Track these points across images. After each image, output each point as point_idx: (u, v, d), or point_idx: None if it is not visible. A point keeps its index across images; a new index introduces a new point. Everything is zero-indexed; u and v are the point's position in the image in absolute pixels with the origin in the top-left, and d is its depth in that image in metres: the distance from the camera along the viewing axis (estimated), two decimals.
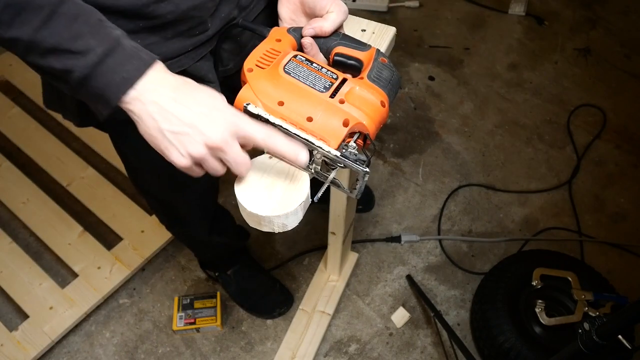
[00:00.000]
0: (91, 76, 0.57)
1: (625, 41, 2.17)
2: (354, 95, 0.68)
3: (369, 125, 0.68)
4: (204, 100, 0.61)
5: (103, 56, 0.57)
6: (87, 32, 0.56)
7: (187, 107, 0.59)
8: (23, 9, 0.53)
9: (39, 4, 0.54)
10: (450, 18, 2.26)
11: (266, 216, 0.66)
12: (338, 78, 0.69)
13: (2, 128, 1.83)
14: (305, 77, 0.69)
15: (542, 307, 1.38)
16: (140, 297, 1.58)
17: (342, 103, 0.67)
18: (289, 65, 0.70)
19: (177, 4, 0.70)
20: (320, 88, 0.68)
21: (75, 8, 0.56)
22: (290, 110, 0.67)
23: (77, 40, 0.56)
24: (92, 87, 0.58)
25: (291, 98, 0.68)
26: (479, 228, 1.72)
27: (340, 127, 0.67)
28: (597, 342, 0.87)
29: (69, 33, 0.55)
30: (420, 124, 1.95)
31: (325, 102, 0.67)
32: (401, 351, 1.50)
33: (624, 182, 1.81)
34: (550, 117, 1.96)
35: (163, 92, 0.59)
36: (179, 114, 0.59)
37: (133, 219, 1.63)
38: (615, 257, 1.65)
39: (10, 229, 1.65)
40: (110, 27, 0.59)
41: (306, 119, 0.67)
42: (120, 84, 0.58)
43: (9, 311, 1.54)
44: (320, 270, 1.57)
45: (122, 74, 0.57)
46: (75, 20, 0.56)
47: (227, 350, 1.50)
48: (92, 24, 0.57)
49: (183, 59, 0.78)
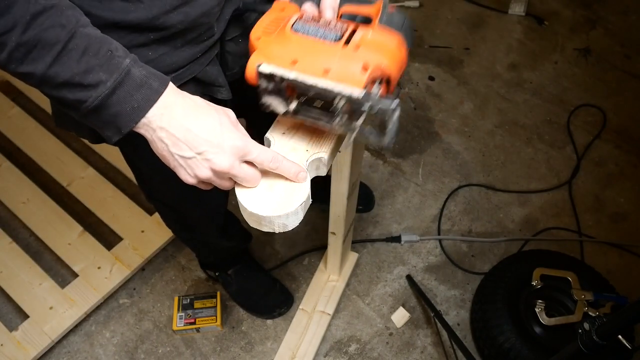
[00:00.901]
0: (102, 107, 0.59)
1: (625, 41, 2.17)
2: (368, 39, 0.65)
3: (390, 66, 0.65)
4: (212, 126, 0.62)
5: (113, 88, 0.58)
6: (96, 65, 0.57)
7: (195, 135, 0.61)
8: (35, 47, 0.54)
9: (51, 41, 0.55)
10: (450, 18, 2.26)
11: (267, 216, 0.66)
12: (348, 28, 0.67)
13: (2, 128, 1.83)
14: (315, 31, 0.67)
15: (542, 307, 1.38)
16: (140, 297, 1.58)
17: (358, 49, 0.64)
18: (296, 25, 0.68)
19: (186, 12, 0.70)
20: (332, 39, 0.66)
21: (85, 41, 0.57)
22: (305, 67, 0.65)
23: (87, 74, 0.57)
24: (104, 115, 0.60)
25: (304, 54, 0.65)
26: (479, 228, 1.72)
27: (360, 73, 0.63)
28: (597, 342, 0.87)
29: (80, 67, 0.56)
30: (420, 124, 1.95)
31: (339, 51, 0.64)
32: (401, 351, 1.50)
33: (624, 182, 1.81)
34: (550, 117, 1.96)
35: (172, 118, 0.61)
36: (187, 140, 0.61)
37: (133, 219, 1.63)
38: (615, 257, 1.65)
39: (10, 229, 1.65)
40: (119, 56, 0.59)
41: (323, 72, 0.64)
42: (131, 113, 0.59)
43: (9, 311, 1.54)
44: (320, 270, 1.57)
45: (132, 103, 0.59)
46: (85, 54, 0.57)
47: (227, 350, 1.50)
48: (101, 57, 0.58)
49: (193, 66, 0.78)
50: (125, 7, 0.66)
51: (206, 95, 0.88)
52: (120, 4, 0.66)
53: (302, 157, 0.71)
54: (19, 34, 0.52)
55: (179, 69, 0.77)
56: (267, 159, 0.65)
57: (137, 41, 0.70)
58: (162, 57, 0.73)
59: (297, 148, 0.72)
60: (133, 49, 0.70)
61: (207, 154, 0.62)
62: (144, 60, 0.72)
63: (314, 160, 0.71)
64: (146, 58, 0.72)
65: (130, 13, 0.66)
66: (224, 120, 0.64)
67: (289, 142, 0.72)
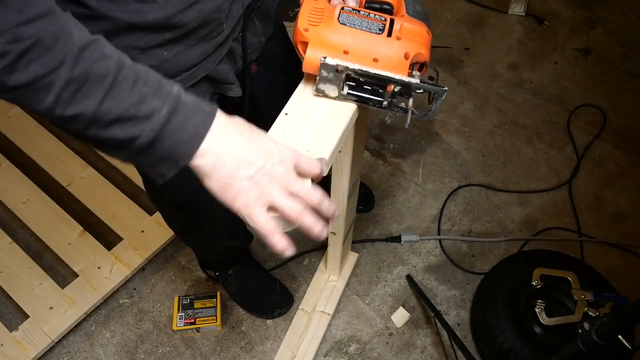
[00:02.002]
0: (158, 139, 0.54)
1: (625, 41, 2.17)
2: (406, 30, 0.76)
3: (426, 52, 0.76)
4: (265, 140, 0.61)
5: (168, 115, 0.54)
6: (149, 93, 0.53)
7: (256, 150, 0.59)
8: (85, 82, 0.49)
9: (102, 74, 0.50)
10: (450, 18, 2.26)
11: None
12: (386, 20, 0.76)
13: (2, 128, 1.82)
14: (360, 23, 0.75)
15: (542, 307, 1.38)
16: (140, 297, 1.58)
17: (399, 39, 0.75)
18: (342, 17, 0.75)
19: (200, 9, 0.71)
20: (376, 30, 0.75)
21: (133, 70, 0.53)
22: (356, 57, 0.74)
23: (141, 104, 0.52)
24: (159, 149, 0.55)
25: (354, 45, 0.74)
26: (479, 228, 1.72)
27: (403, 61, 0.74)
28: (597, 342, 0.87)
29: (133, 98, 0.52)
30: (420, 124, 1.95)
31: (385, 42, 0.74)
32: (401, 351, 1.50)
33: (624, 182, 1.81)
34: (550, 117, 1.96)
35: (232, 139, 0.58)
36: (247, 158, 0.58)
37: (133, 219, 1.63)
38: (615, 257, 1.65)
39: (10, 229, 1.65)
40: (168, 84, 0.56)
41: (372, 61, 0.74)
42: (190, 141, 0.55)
43: (9, 311, 1.54)
44: (320, 270, 1.57)
45: (190, 130, 0.55)
46: (135, 84, 0.53)
47: (227, 350, 1.50)
48: (152, 84, 0.54)
49: (206, 64, 0.80)
50: (140, 8, 0.66)
51: (217, 93, 0.89)
52: (135, 5, 0.66)
53: None
54: (69, 69, 0.48)
55: (192, 67, 0.78)
56: (316, 164, 0.64)
57: (154, 42, 0.71)
58: (176, 56, 0.75)
59: (298, 148, 0.72)
60: (150, 50, 0.71)
61: (266, 166, 0.59)
62: (161, 60, 0.73)
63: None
64: (162, 58, 0.74)
65: (146, 14, 0.67)
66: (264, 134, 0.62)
67: (290, 142, 0.72)
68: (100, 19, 0.65)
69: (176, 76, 0.77)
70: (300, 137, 0.73)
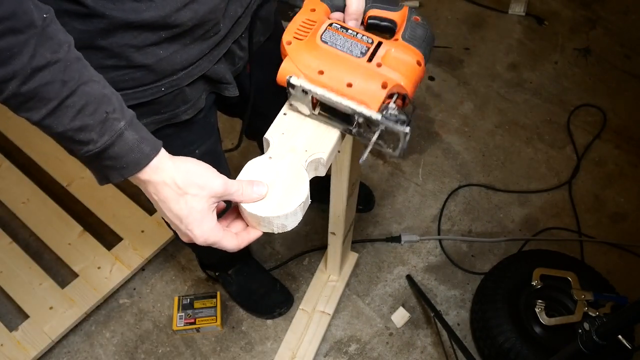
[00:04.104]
0: (93, 160, 0.60)
1: (625, 41, 2.17)
2: (390, 57, 0.70)
3: (407, 85, 0.70)
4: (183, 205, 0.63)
5: (103, 149, 0.58)
6: (90, 124, 0.57)
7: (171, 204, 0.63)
8: (31, 99, 0.53)
9: (48, 97, 0.53)
10: (450, 18, 2.26)
11: (265, 217, 0.66)
12: (373, 42, 0.71)
13: (2, 128, 1.83)
14: (342, 44, 0.71)
15: (542, 307, 1.38)
16: (140, 297, 1.58)
17: (380, 66, 0.69)
18: (325, 35, 0.72)
19: (195, 9, 0.72)
20: (357, 53, 0.70)
21: (84, 99, 0.56)
22: (331, 78, 0.70)
23: (79, 132, 0.56)
24: (95, 165, 0.61)
25: (330, 66, 0.70)
26: (479, 228, 1.72)
27: (380, 90, 0.69)
28: (597, 342, 0.87)
29: (73, 125, 0.56)
30: (420, 124, 1.95)
31: (363, 67, 0.70)
32: (401, 351, 1.50)
33: (624, 182, 1.81)
34: (550, 117, 1.96)
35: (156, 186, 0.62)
36: (165, 209, 0.64)
37: (133, 219, 1.63)
38: (615, 257, 1.65)
39: (10, 229, 1.65)
40: (115, 118, 0.58)
41: (346, 85, 0.69)
42: (122, 171, 0.60)
43: (9, 311, 1.54)
44: (320, 270, 1.57)
45: (122, 164, 0.59)
46: (80, 112, 0.56)
47: (227, 350, 1.50)
48: (97, 117, 0.57)
49: (202, 63, 0.80)
50: (136, 7, 0.67)
51: (214, 92, 0.89)
52: (132, 4, 0.66)
53: (300, 158, 0.71)
54: (17, 86, 0.51)
55: (189, 66, 0.78)
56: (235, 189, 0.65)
57: (150, 40, 0.71)
58: (172, 55, 0.75)
59: (296, 148, 0.72)
60: (145, 48, 0.72)
61: (181, 227, 0.64)
62: (157, 58, 0.73)
63: (312, 160, 0.72)
64: (158, 56, 0.74)
65: (142, 12, 0.67)
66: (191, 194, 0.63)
67: (288, 142, 0.72)
68: (96, 17, 0.65)
69: (172, 75, 0.77)
70: (299, 137, 0.73)
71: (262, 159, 0.70)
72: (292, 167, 0.70)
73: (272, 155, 0.71)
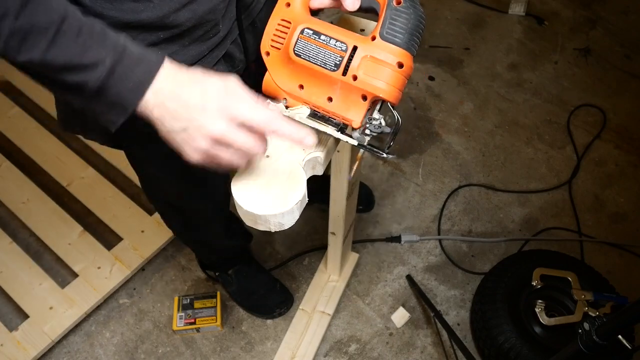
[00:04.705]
0: (105, 86, 0.58)
1: (625, 41, 2.17)
2: (366, 66, 0.66)
3: (388, 93, 0.66)
4: (203, 92, 0.60)
5: (112, 65, 0.57)
6: (93, 43, 0.56)
7: (185, 103, 0.59)
8: (28, 33, 0.53)
9: (44, 25, 0.54)
10: (450, 18, 2.26)
11: (262, 215, 0.66)
12: (347, 49, 0.66)
13: (2, 128, 1.82)
14: (315, 56, 0.67)
15: (542, 307, 1.38)
16: (140, 297, 1.58)
17: (356, 79, 0.66)
18: (298, 46, 0.68)
19: (194, 10, 0.71)
20: (331, 66, 0.67)
21: (78, 22, 0.56)
22: (310, 93, 0.69)
23: (85, 53, 0.56)
24: (108, 96, 0.59)
25: (308, 81, 0.69)
26: (479, 228, 1.72)
27: (360, 102, 0.67)
28: (597, 342, 0.87)
29: (77, 48, 0.56)
30: (420, 124, 1.95)
31: (339, 81, 0.67)
32: (401, 351, 1.50)
33: (624, 182, 1.81)
34: (550, 117, 1.96)
35: (168, 91, 0.60)
36: (178, 112, 0.60)
37: (133, 219, 1.63)
38: (615, 257, 1.65)
39: (10, 229, 1.65)
40: (114, 35, 0.59)
41: (327, 99, 0.68)
42: (135, 89, 0.58)
43: (9, 311, 1.54)
44: (321, 270, 1.57)
45: (134, 79, 0.58)
46: (79, 35, 0.56)
47: (227, 350, 1.50)
48: (96, 35, 0.57)
49: (202, 64, 0.80)
50: (135, 7, 0.67)
51: None
52: (130, 4, 0.66)
53: (298, 156, 0.71)
54: (12, 22, 0.52)
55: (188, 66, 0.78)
56: (263, 117, 0.60)
57: (148, 40, 0.71)
58: (171, 56, 0.74)
59: (294, 147, 0.72)
60: None
61: (196, 121, 0.59)
62: None
63: (310, 159, 0.72)
64: None
65: (141, 13, 0.67)
66: (219, 84, 0.61)
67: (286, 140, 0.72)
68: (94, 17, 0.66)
69: None
70: None
71: (259, 158, 0.70)
72: (289, 165, 0.70)
73: (269, 153, 0.71)
